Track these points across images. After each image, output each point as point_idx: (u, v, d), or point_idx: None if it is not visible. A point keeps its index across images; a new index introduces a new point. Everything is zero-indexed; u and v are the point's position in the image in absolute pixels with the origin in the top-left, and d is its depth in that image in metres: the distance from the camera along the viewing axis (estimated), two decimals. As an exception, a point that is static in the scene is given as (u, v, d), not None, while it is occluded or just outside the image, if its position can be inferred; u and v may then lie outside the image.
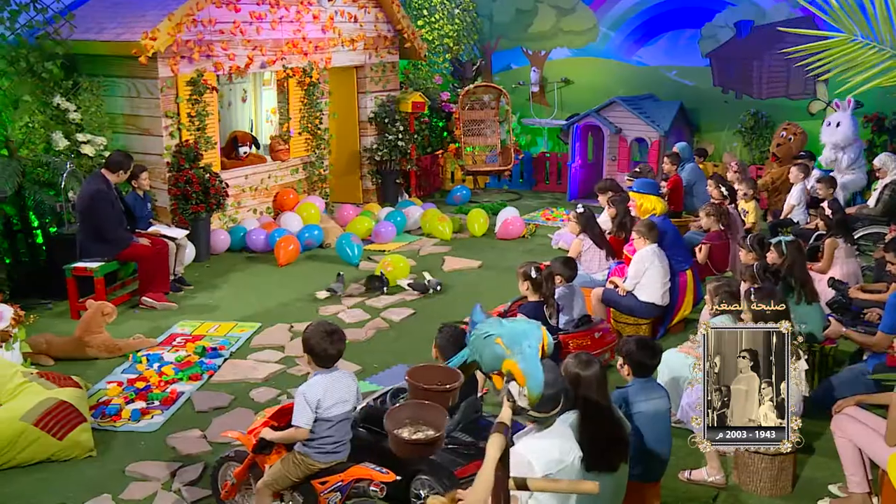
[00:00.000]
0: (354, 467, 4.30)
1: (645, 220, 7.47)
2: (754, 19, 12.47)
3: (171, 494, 5.00)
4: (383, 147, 12.41)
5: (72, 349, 7.00)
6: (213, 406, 6.15)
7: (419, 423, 3.53)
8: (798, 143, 11.72)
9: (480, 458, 4.56)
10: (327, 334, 4.29)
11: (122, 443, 5.66)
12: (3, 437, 5.19)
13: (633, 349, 4.55)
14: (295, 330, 7.68)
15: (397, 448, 3.53)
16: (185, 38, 9.59)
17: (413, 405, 3.64)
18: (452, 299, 8.54)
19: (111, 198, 8.15)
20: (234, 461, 4.69)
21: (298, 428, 4.16)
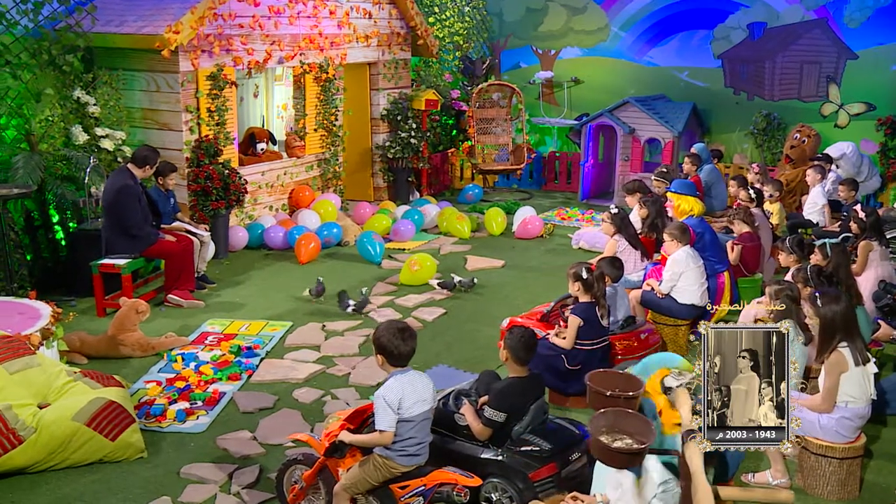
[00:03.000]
0: (437, 471, 4.23)
1: (678, 222, 7.46)
2: (767, 21, 12.52)
3: (231, 497, 4.90)
4: (396, 144, 12.32)
5: (105, 347, 6.86)
6: (258, 407, 6.05)
7: (616, 432, 3.48)
8: (812, 145, 11.80)
9: (553, 461, 4.58)
10: (399, 332, 4.22)
11: (170, 444, 5.55)
12: (56, 438, 5.07)
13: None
14: (328, 329, 7.59)
15: (600, 454, 3.47)
16: (206, 31, 9.45)
17: (613, 413, 3.59)
18: (482, 299, 8.48)
19: (137, 193, 8.00)
20: (303, 464, 4.60)
21: (383, 432, 4.09)
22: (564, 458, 4.65)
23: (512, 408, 4.68)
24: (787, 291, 5.60)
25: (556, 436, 4.75)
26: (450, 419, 4.79)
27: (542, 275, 9.28)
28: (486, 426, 4.65)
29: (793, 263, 6.97)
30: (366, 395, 6.29)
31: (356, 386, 6.45)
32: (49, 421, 5.11)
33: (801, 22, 12.22)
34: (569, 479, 4.65)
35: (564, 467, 4.63)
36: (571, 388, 6.03)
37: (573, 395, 6.06)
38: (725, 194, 10.97)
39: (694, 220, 7.55)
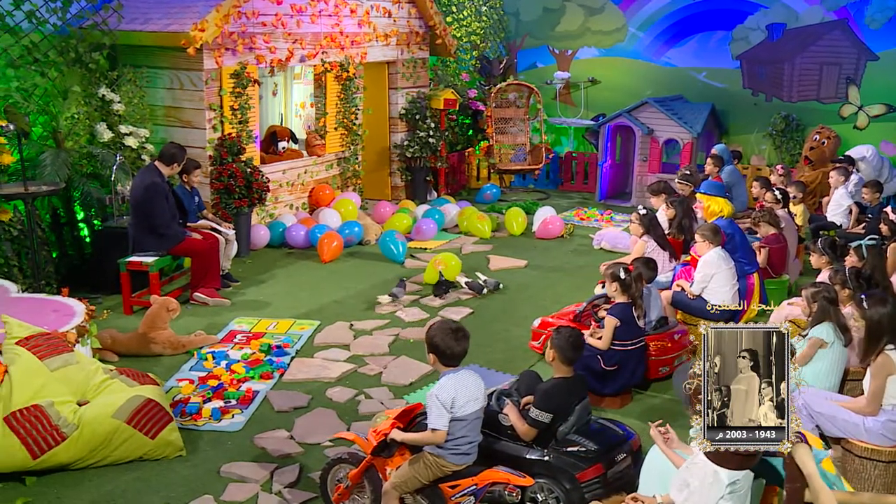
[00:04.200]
0: (489, 471, 4.22)
1: (709, 223, 7.45)
2: (787, 22, 12.50)
3: (273, 497, 4.89)
4: (414, 144, 12.30)
5: (136, 345, 6.86)
6: (293, 406, 6.04)
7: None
8: (831, 147, 11.79)
9: (600, 462, 4.57)
10: (452, 332, 4.22)
11: (208, 442, 5.54)
12: (98, 435, 5.06)
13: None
14: (356, 328, 7.58)
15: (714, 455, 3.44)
16: (230, 29, 9.45)
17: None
18: (508, 299, 8.47)
19: (165, 191, 7.99)
20: (348, 463, 4.59)
21: (436, 430, 4.08)
22: (610, 459, 4.64)
23: (557, 408, 4.67)
24: (825, 293, 5.58)
25: (600, 436, 4.75)
26: (493, 419, 4.78)
27: (565, 275, 9.27)
28: (532, 426, 4.64)
29: (824, 265, 6.95)
30: (399, 394, 6.29)
31: (389, 385, 6.44)
32: (90, 418, 5.10)
33: (821, 23, 12.20)
34: (614, 480, 4.64)
35: (610, 468, 4.62)
36: (607, 388, 6.02)
37: (609, 396, 6.05)
38: (746, 195, 10.97)
39: (724, 222, 7.53)
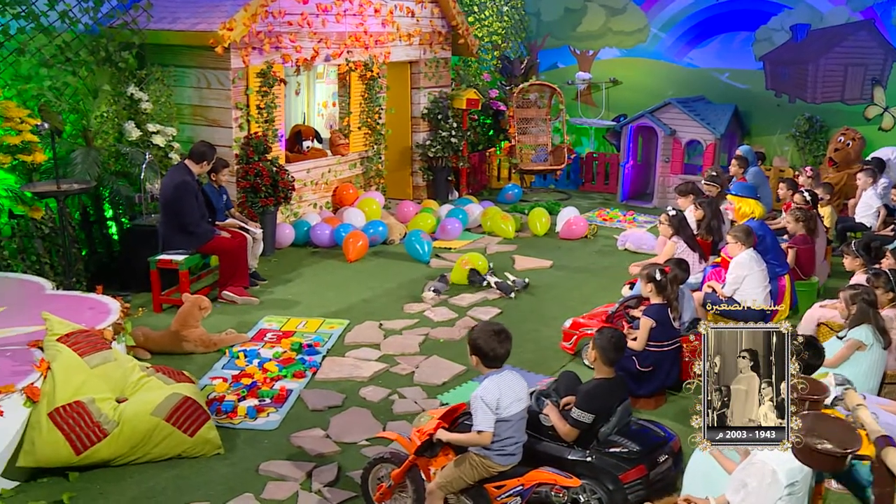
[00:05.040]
0: (535, 471, 4.22)
1: (741, 224, 7.42)
2: (811, 23, 12.44)
3: (313, 496, 4.90)
4: (436, 143, 12.31)
5: (168, 343, 6.88)
6: (327, 405, 6.06)
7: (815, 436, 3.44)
8: (856, 148, 11.72)
9: (642, 463, 4.56)
10: (495, 334, 4.22)
11: (244, 441, 5.56)
12: (138, 432, 5.09)
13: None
14: (385, 328, 7.59)
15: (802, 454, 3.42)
16: (257, 29, 9.47)
17: (813, 416, 3.56)
18: (535, 299, 8.46)
19: (195, 189, 8.02)
20: (390, 463, 4.59)
21: (482, 432, 4.08)
22: (653, 460, 4.64)
23: (599, 409, 4.68)
24: (864, 295, 5.56)
25: (642, 437, 4.74)
26: (534, 420, 4.78)
27: (591, 275, 9.26)
28: (574, 427, 4.64)
29: (858, 268, 6.93)
30: (433, 394, 6.30)
31: (422, 385, 6.44)
32: (130, 415, 5.13)
33: (846, 23, 12.14)
34: (656, 482, 4.64)
35: (653, 469, 4.62)
36: (642, 389, 6.00)
37: (643, 397, 6.03)
38: (770, 197, 10.92)
39: (755, 223, 7.51)
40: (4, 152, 7.74)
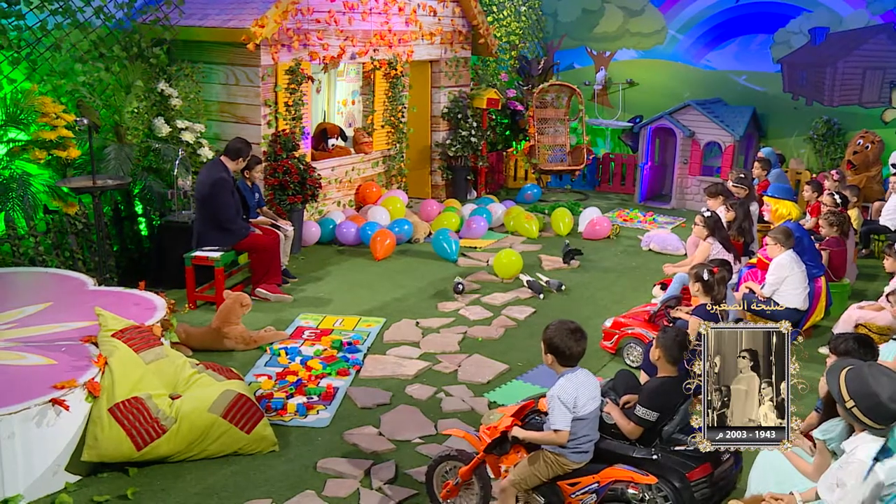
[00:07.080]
0: (611, 468, 4.22)
1: (780, 226, 7.45)
2: (830, 26, 12.50)
3: (374, 493, 4.90)
4: (456, 143, 12.32)
5: (210, 340, 6.86)
6: (376, 402, 6.05)
7: None
8: (875, 152, 11.80)
9: (708, 461, 4.57)
10: (571, 332, 4.21)
11: (297, 438, 5.55)
12: (196, 428, 5.08)
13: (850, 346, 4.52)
14: (422, 326, 7.59)
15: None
16: (287, 26, 9.46)
17: None
18: (567, 299, 8.48)
19: (231, 186, 8.00)
20: (458, 460, 4.60)
21: (559, 431, 4.08)
22: (717, 458, 4.63)
23: (663, 407, 4.67)
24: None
25: (702, 436, 4.75)
26: (597, 418, 4.78)
27: (620, 275, 9.28)
28: (638, 425, 4.64)
29: (898, 269, 6.97)
30: (479, 392, 6.30)
31: (467, 383, 6.45)
32: (187, 412, 5.12)
33: (866, 27, 12.21)
34: (719, 480, 4.65)
35: (717, 467, 4.63)
36: (690, 389, 6.01)
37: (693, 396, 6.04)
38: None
39: (793, 225, 7.54)
40: (40, 148, 7.71)
